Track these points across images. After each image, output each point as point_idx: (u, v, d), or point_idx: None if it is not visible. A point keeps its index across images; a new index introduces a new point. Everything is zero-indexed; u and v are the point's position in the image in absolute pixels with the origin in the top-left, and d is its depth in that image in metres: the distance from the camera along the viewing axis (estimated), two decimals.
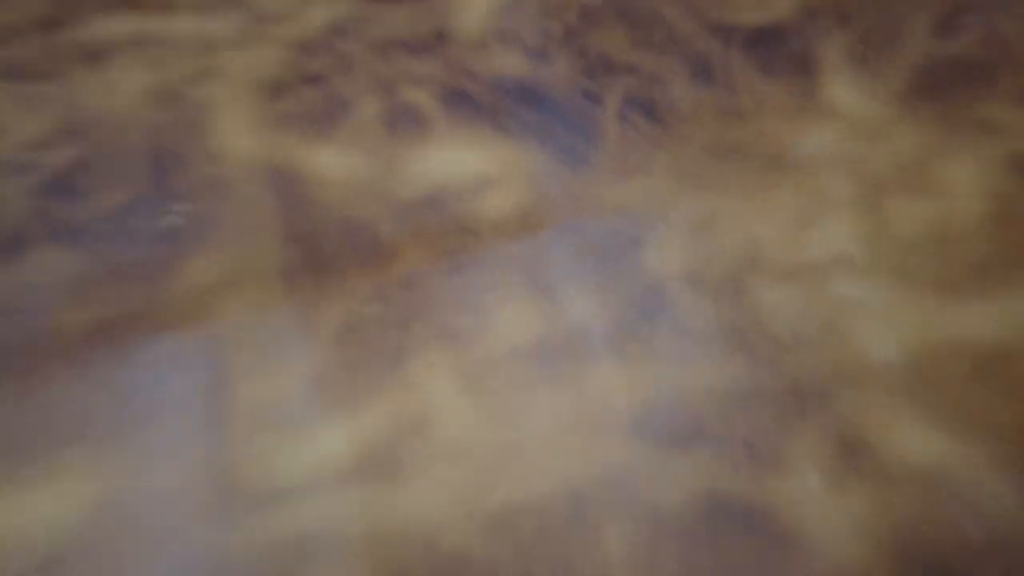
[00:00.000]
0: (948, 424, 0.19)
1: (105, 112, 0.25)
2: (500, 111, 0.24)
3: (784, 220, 0.22)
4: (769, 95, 0.25)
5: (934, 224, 0.22)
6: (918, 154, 0.23)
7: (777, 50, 0.26)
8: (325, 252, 0.22)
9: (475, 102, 0.24)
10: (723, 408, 0.19)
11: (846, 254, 0.21)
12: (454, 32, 0.26)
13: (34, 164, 0.24)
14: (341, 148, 0.23)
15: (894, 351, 0.20)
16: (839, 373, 0.19)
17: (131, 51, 0.27)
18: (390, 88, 0.25)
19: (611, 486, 0.18)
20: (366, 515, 0.17)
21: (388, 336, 0.20)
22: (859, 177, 0.23)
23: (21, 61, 0.27)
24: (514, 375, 0.19)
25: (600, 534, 0.17)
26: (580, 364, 0.19)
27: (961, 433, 0.18)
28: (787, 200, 0.22)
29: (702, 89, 0.25)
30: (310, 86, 0.25)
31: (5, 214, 0.23)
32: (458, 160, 0.23)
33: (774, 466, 0.18)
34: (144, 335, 0.20)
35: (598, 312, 0.20)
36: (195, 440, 0.18)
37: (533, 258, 0.21)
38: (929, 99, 0.25)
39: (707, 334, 0.20)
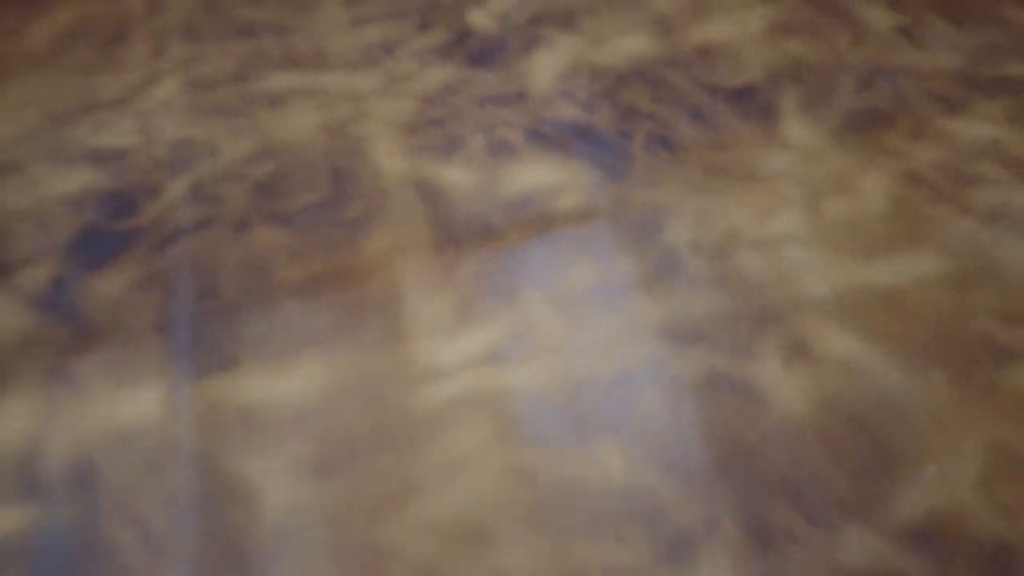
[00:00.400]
0: (859, 334, 0.30)
1: (289, 141, 0.37)
2: (564, 143, 0.36)
3: (754, 212, 0.34)
4: (744, 133, 0.37)
5: (853, 214, 0.33)
6: (844, 170, 0.35)
7: (749, 102, 0.38)
8: (456, 232, 0.33)
9: (547, 137, 0.36)
10: (717, 322, 0.30)
11: (795, 232, 0.33)
12: (530, 90, 0.38)
13: (244, 173, 0.36)
14: (461, 168, 0.35)
15: (827, 290, 0.31)
16: (790, 303, 0.31)
17: (302, 98, 0.39)
18: (489, 129, 0.37)
19: (649, 366, 0.29)
20: (493, 390, 0.28)
21: (501, 283, 0.31)
22: (805, 185, 0.35)
23: (224, 102, 0.39)
24: (584, 303, 0.31)
25: (643, 395, 0.28)
26: (626, 297, 0.31)
27: (867, 339, 0.30)
28: (756, 199, 0.34)
29: (699, 129, 0.37)
30: (435, 126, 0.37)
31: (232, 206, 0.35)
32: (538, 175, 0.35)
33: (749, 356, 0.29)
34: (340, 284, 0.32)
35: (636, 267, 0.32)
36: (386, 343, 0.30)
37: (591, 237, 0.33)
38: (852, 135, 0.36)
39: (705, 280, 0.31)
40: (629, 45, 0.40)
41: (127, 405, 0.29)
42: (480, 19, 0.42)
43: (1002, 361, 0.29)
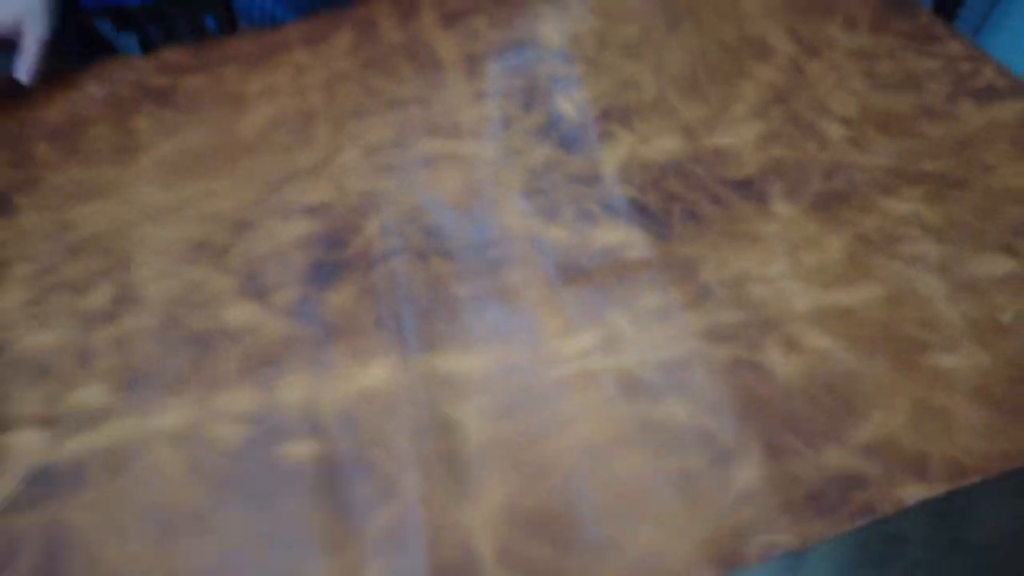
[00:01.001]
0: (829, 335, 0.47)
1: (439, 196, 0.55)
2: (627, 215, 0.54)
3: (757, 260, 0.51)
4: (747, 209, 0.55)
5: (821, 261, 0.51)
6: (814, 234, 0.53)
7: (749, 189, 0.56)
8: (562, 272, 0.50)
9: (616, 210, 0.54)
10: (737, 329, 0.47)
11: (784, 273, 0.50)
12: (603, 175, 0.56)
13: (416, 218, 0.54)
14: (561, 228, 0.53)
15: (807, 308, 0.48)
16: (783, 316, 0.48)
17: (447, 161, 0.57)
18: (576, 200, 0.55)
19: (696, 355, 0.45)
20: (598, 369, 0.45)
21: (594, 306, 0.48)
22: (789, 243, 0.52)
23: (392, 163, 0.57)
24: (650, 319, 0.47)
25: (694, 372, 0.45)
26: (677, 315, 0.48)
27: (834, 338, 0.46)
28: (757, 252, 0.52)
29: (716, 207, 0.55)
30: (541, 195, 0.55)
31: (412, 242, 0.52)
32: (612, 236, 0.53)
33: (759, 349, 0.46)
34: (494, 301, 0.49)
35: (681, 296, 0.49)
36: (528, 340, 0.46)
37: (650, 277, 0.50)
38: (820, 210, 0.54)
39: (728, 303, 0.48)
40: (666, 145, 0.59)
41: (368, 375, 0.45)
42: (567, 106, 0.61)
43: (919, 350, 0.45)
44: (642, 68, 0.64)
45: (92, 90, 0.70)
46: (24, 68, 0.64)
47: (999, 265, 0.50)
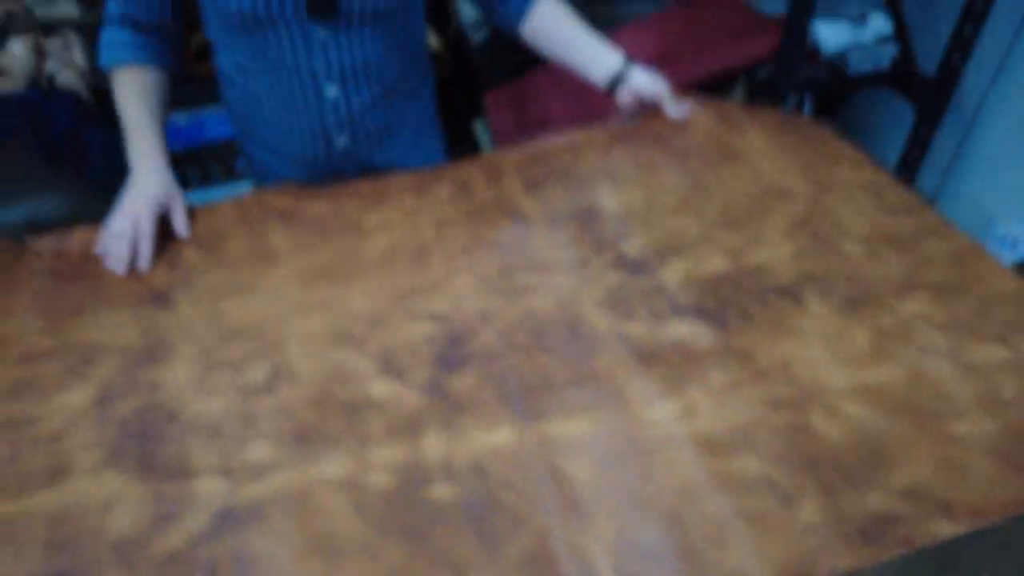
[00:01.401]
0: (860, 403, 0.58)
1: (540, 310, 0.68)
2: (691, 314, 0.67)
3: (797, 347, 0.63)
4: (786, 309, 0.67)
5: (850, 349, 0.63)
6: (842, 328, 0.65)
7: (787, 294, 0.69)
8: (644, 356, 0.62)
9: (682, 311, 0.67)
10: (789, 397, 0.58)
11: (820, 357, 0.62)
12: (667, 288, 0.70)
13: (520, 327, 0.66)
14: (638, 325, 0.66)
15: (843, 383, 0.59)
16: (824, 388, 0.59)
17: (541, 288, 0.70)
18: (648, 306, 0.68)
19: (761, 422, 0.57)
20: (684, 432, 0.56)
21: (672, 381, 0.60)
22: (821, 335, 0.64)
23: (499, 288, 0.70)
24: (722, 390, 0.59)
25: (763, 425, 0.56)
26: (742, 389, 0.59)
27: (866, 405, 0.57)
28: (797, 342, 0.64)
29: (761, 308, 0.68)
30: (619, 304, 0.68)
31: (519, 342, 0.64)
32: (680, 330, 0.65)
33: (809, 414, 0.57)
34: (585, 383, 0.60)
35: (742, 372, 0.60)
36: (620, 408, 0.58)
37: (714, 359, 0.62)
38: (847, 310, 0.67)
39: (779, 378, 0.60)
40: (716, 264, 0.73)
41: (492, 437, 0.57)
42: (629, 248, 0.75)
43: (938, 418, 0.56)
44: (685, 220, 0.79)
45: (226, 209, 0.86)
46: (182, 226, 0.82)
47: (996, 353, 0.62)
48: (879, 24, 1.47)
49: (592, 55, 0.92)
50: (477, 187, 0.87)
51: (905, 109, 1.53)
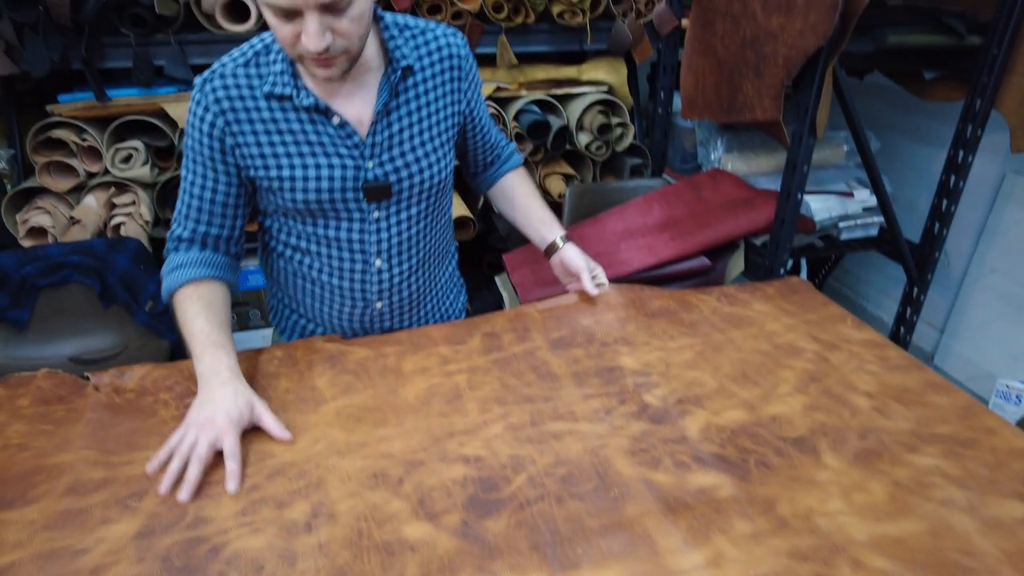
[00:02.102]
0: (884, 556, 0.59)
1: (569, 457, 0.71)
2: (714, 464, 0.70)
3: (818, 498, 0.66)
4: (803, 460, 0.71)
5: (868, 501, 0.65)
6: (859, 480, 0.68)
7: (803, 445, 0.73)
8: (669, 504, 0.65)
9: (704, 460, 0.71)
10: (812, 554, 0.60)
11: (841, 510, 0.64)
12: (688, 437, 0.74)
13: (552, 473, 0.69)
14: (663, 473, 0.69)
15: (865, 536, 0.61)
16: (846, 541, 0.61)
17: (570, 436, 0.74)
18: (672, 455, 0.71)
19: (779, 571, 0.58)
20: None
21: (700, 531, 0.62)
22: (839, 486, 0.67)
23: (530, 437, 0.74)
24: (745, 543, 0.61)
25: None
26: (764, 537, 0.61)
27: (888, 558, 0.59)
28: (817, 493, 0.66)
29: (781, 458, 0.71)
30: (644, 452, 0.71)
31: (552, 489, 0.67)
32: (704, 479, 0.68)
33: (833, 566, 0.59)
34: (616, 529, 0.63)
35: (767, 521, 0.63)
36: (649, 556, 0.60)
37: (739, 508, 0.65)
38: (861, 462, 0.70)
39: (802, 528, 0.62)
40: (734, 415, 0.77)
41: None
42: (651, 399, 0.80)
43: (963, 572, 0.58)
44: (702, 374, 0.85)
45: (276, 353, 0.92)
46: (278, 429, 0.76)
47: (1017, 509, 0.64)
48: (865, 197, 1.62)
49: (537, 226, 1.09)
50: (506, 340, 0.93)
51: (896, 267, 1.63)
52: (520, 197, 1.11)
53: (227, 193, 0.89)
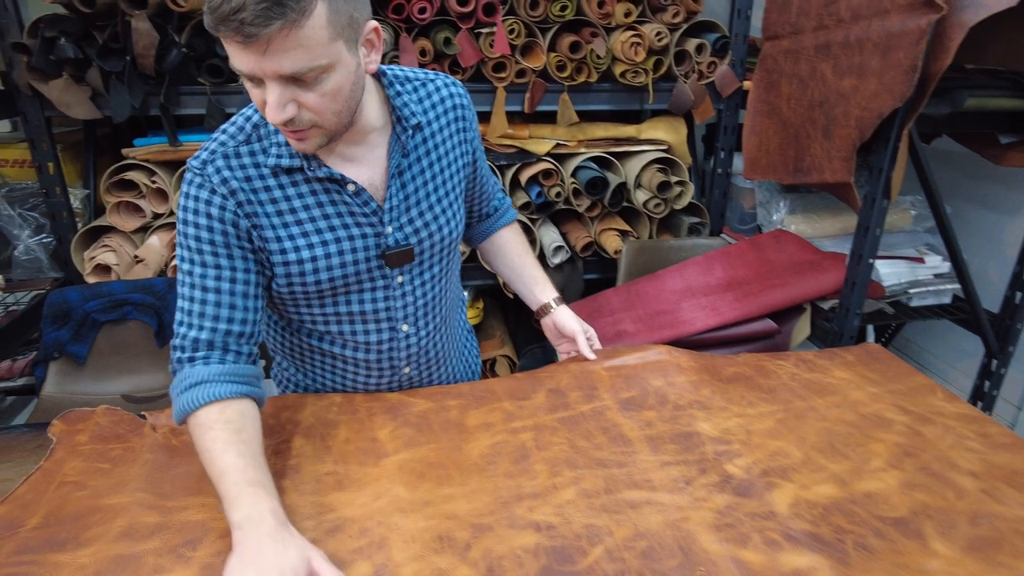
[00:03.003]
0: None
1: (648, 529, 0.66)
2: (807, 543, 0.64)
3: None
4: (907, 545, 0.64)
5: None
6: (977, 573, 0.61)
7: (905, 527, 0.66)
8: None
9: (796, 538, 0.65)
10: None
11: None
12: (777, 512, 0.68)
13: (632, 546, 0.64)
14: (753, 552, 0.63)
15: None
16: None
17: (648, 506, 0.69)
18: (761, 531, 0.65)
19: None
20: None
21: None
22: (947, 550, 0.60)
23: (605, 505, 0.69)
24: None
25: None
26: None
27: None
28: (921, 564, 0.60)
29: (881, 540, 0.65)
30: (729, 528, 0.66)
31: (630, 565, 0.62)
32: (799, 560, 0.62)
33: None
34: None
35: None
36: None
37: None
38: (977, 552, 0.63)
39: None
40: (825, 491, 0.71)
41: None
42: (734, 469, 0.75)
43: None
44: (786, 443, 0.80)
45: (336, 400, 0.89)
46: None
47: None
48: (936, 263, 1.55)
49: (530, 285, 1.06)
50: (572, 398, 0.89)
51: (965, 336, 1.55)
52: (513, 256, 1.08)
53: (246, 282, 0.78)
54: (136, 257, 1.56)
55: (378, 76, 0.82)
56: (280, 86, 0.66)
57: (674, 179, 1.72)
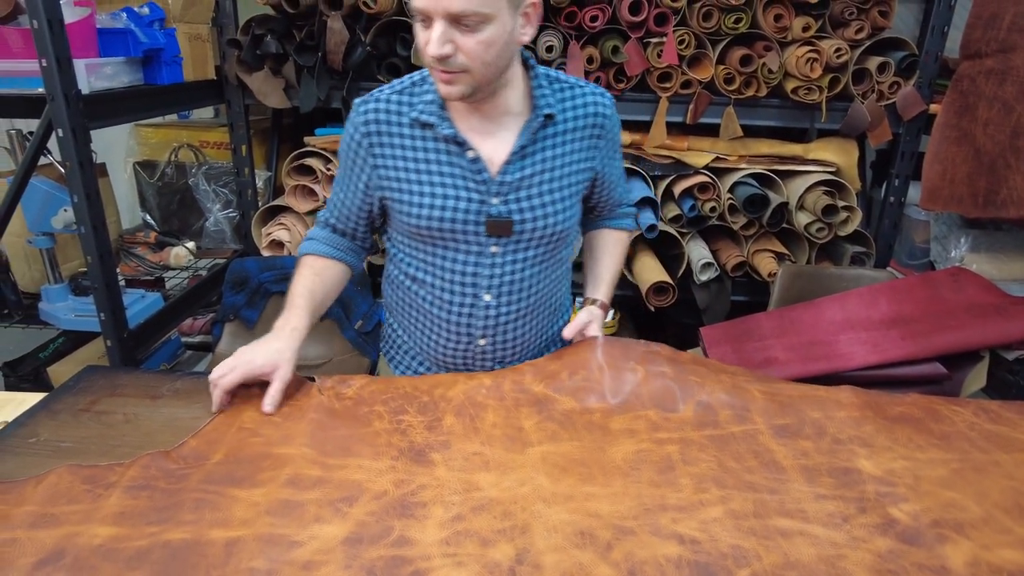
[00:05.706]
0: None
1: (798, 561, 0.62)
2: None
3: None
4: None
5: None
6: None
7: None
8: None
9: None
10: None
11: None
12: (951, 568, 0.62)
13: (781, 574, 0.61)
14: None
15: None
16: None
17: (800, 536, 0.65)
18: None
19: None
20: None
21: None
22: None
23: (755, 529, 0.66)
24: None
25: None
26: None
27: None
28: None
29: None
30: (893, 574, 0.60)
31: None
32: None
33: None
34: None
35: None
36: None
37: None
38: None
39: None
40: (1011, 556, 0.64)
41: None
42: (899, 514, 0.69)
43: None
44: (962, 496, 0.72)
45: (486, 381, 0.92)
46: (268, 401, 0.84)
47: None
48: None
49: (591, 279, 1.10)
50: (723, 416, 0.86)
51: None
52: (598, 249, 1.11)
53: (359, 206, 0.97)
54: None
55: (528, 69, 0.90)
56: (445, 24, 0.76)
57: (841, 203, 1.62)
